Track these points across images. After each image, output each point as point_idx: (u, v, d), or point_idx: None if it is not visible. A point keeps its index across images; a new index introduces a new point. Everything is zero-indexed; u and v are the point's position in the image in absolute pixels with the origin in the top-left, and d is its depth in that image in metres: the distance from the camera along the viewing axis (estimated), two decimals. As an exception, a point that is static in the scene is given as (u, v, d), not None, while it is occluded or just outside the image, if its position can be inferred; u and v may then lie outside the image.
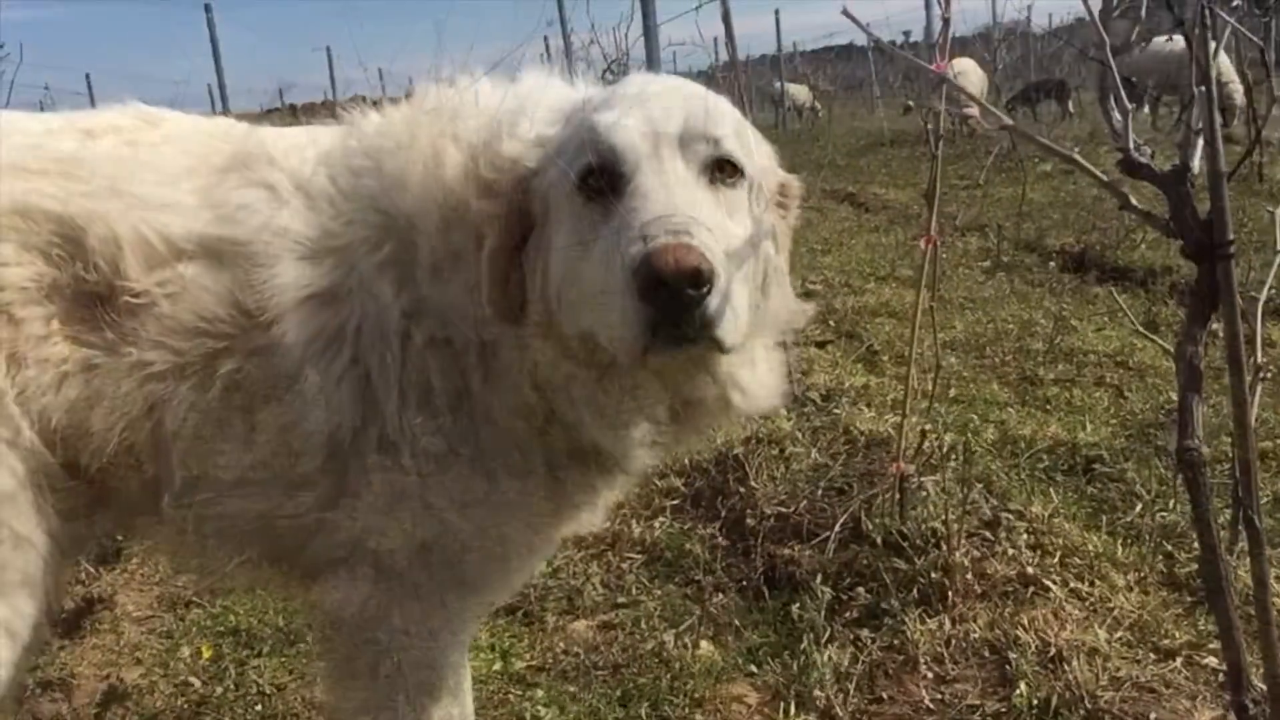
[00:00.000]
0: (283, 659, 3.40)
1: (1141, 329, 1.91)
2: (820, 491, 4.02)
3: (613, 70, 7.35)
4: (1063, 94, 22.47)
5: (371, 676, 2.05)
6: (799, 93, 30.17)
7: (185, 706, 3.21)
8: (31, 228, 1.88)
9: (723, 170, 1.80)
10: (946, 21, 3.43)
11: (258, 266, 1.92)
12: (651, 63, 7.08)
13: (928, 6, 20.96)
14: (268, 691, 3.23)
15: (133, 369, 1.90)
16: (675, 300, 1.58)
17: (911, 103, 27.54)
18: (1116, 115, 1.82)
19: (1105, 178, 1.81)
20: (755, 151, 1.91)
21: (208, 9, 18.73)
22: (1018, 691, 2.84)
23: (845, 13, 2.22)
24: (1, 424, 1.85)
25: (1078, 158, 1.81)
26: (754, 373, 1.95)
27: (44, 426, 1.89)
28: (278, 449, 1.95)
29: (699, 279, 1.58)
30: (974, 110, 18.81)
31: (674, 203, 1.67)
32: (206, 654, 3.46)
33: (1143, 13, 1.90)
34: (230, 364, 1.91)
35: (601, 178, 1.74)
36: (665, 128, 1.76)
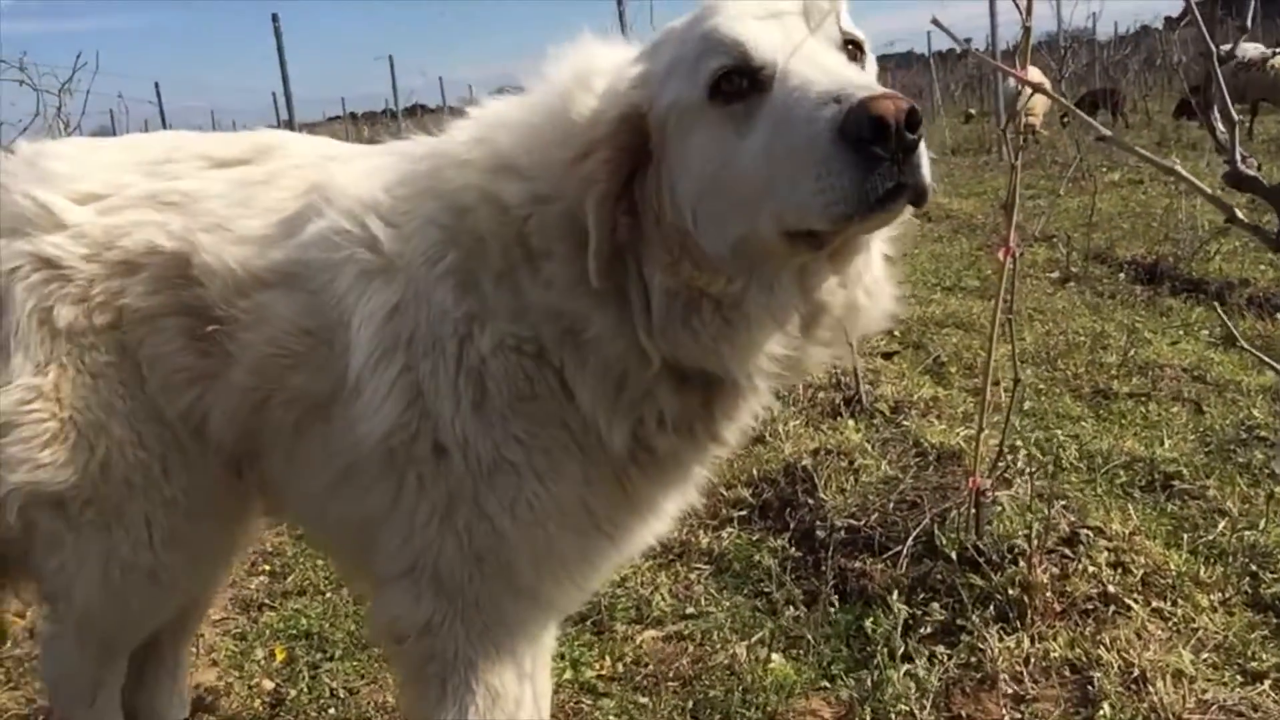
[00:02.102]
0: (355, 663, 3.43)
1: (1245, 344, 1.85)
2: (891, 504, 3.97)
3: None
4: (1115, 102, 22.04)
5: (440, 693, 2.06)
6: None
7: (260, 708, 3.24)
8: (161, 262, 2.14)
9: (848, 48, 1.72)
10: (1027, 30, 3.36)
11: (327, 290, 2.01)
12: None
13: (992, 14, 20.74)
14: (341, 695, 3.26)
15: (233, 379, 2.10)
16: (899, 144, 1.48)
17: (973, 110, 27.24)
18: (1220, 126, 1.77)
19: (1210, 190, 1.76)
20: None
21: (275, 18, 19.04)
22: (1101, 712, 2.78)
23: (935, 21, 2.21)
24: (143, 406, 2.16)
25: (1180, 169, 1.76)
26: (872, 273, 1.86)
27: (182, 413, 2.17)
28: (345, 455, 2.03)
29: (915, 120, 1.48)
30: (1036, 118, 18.61)
31: (840, 75, 1.59)
32: (280, 656, 3.50)
33: (1249, 21, 1.85)
34: (300, 378, 2.05)
35: (741, 79, 1.64)
36: (785, 7, 1.68)
